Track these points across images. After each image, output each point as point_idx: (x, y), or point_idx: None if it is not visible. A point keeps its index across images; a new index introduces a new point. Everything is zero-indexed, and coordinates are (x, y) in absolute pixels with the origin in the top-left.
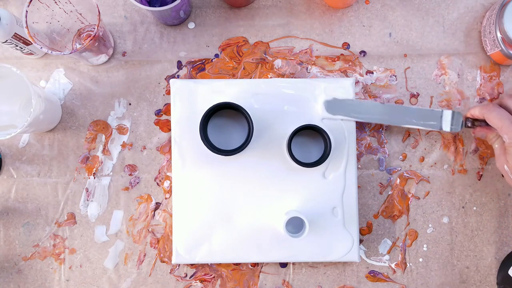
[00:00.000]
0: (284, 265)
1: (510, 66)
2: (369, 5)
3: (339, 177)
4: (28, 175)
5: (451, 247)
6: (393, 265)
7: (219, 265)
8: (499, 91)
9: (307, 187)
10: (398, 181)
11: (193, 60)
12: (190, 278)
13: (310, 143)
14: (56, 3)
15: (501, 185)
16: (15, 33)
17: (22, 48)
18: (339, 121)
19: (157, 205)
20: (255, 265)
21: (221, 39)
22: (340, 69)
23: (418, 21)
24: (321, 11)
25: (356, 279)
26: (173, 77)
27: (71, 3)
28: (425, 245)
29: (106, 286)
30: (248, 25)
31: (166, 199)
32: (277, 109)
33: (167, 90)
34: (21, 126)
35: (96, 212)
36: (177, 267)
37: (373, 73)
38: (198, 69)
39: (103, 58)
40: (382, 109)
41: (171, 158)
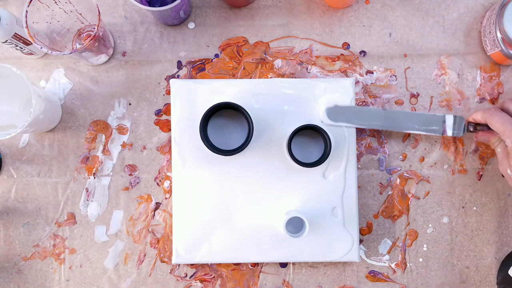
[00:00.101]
0: (284, 265)
1: (510, 66)
2: (369, 5)
3: (339, 177)
4: (28, 175)
5: (451, 247)
6: (393, 265)
7: (219, 265)
8: (499, 91)
9: (307, 187)
10: (398, 181)
11: (193, 60)
12: (190, 278)
13: (310, 143)
14: (56, 3)
15: (501, 185)
16: (15, 33)
17: (22, 48)
18: None
19: (157, 205)
20: (255, 265)
21: (221, 39)
22: (340, 69)
23: (418, 21)
24: (321, 11)
25: (356, 279)
26: (173, 77)
27: (71, 3)
28: (425, 245)
29: (106, 286)
30: (248, 25)
31: (166, 199)
32: (277, 109)
33: (167, 90)
34: (21, 126)
35: (96, 212)
36: (177, 267)
37: (373, 73)
38: (198, 69)
39: (103, 58)
40: (384, 115)
41: (171, 158)
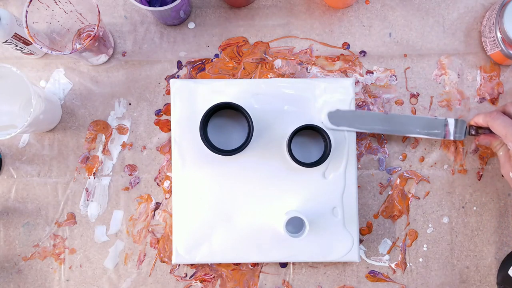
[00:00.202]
0: (284, 265)
1: (510, 66)
2: (369, 5)
3: (339, 177)
4: (28, 175)
5: (451, 247)
6: (393, 265)
7: (219, 265)
8: (499, 91)
9: (307, 187)
10: (398, 181)
11: (193, 60)
12: (190, 278)
13: (310, 143)
14: (56, 3)
15: (501, 185)
16: (15, 33)
17: (22, 48)
18: None
19: (157, 205)
20: (255, 265)
21: (221, 39)
22: (340, 69)
23: (418, 21)
24: (321, 11)
25: (356, 279)
26: (173, 77)
27: (71, 3)
28: (425, 245)
29: (106, 286)
30: (248, 25)
31: (166, 199)
32: (277, 109)
33: (167, 90)
34: (21, 126)
35: (96, 212)
36: (177, 267)
37: (373, 73)
38: (198, 69)
39: (103, 58)
40: (385, 119)
41: (171, 158)
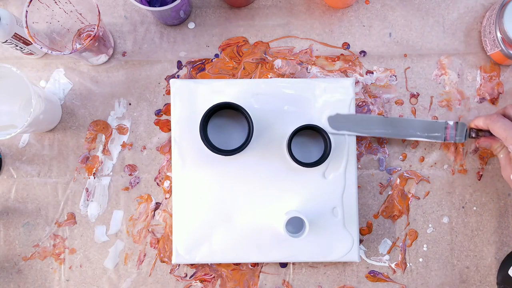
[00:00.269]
0: (284, 265)
1: (510, 66)
2: (369, 5)
3: (339, 177)
4: (28, 175)
5: (451, 247)
6: (393, 265)
7: (219, 265)
8: (499, 91)
9: (307, 187)
10: (398, 181)
11: (193, 60)
12: (190, 278)
13: (310, 143)
14: (56, 3)
15: (501, 185)
16: (15, 33)
17: (22, 48)
18: None
19: (157, 205)
20: (255, 265)
21: (221, 39)
22: (340, 69)
23: (418, 21)
24: (321, 11)
25: (356, 279)
26: (173, 77)
27: (71, 3)
28: (425, 245)
29: (106, 286)
30: (248, 25)
31: (166, 199)
32: (277, 109)
33: (167, 90)
34: (21, 126)
35: (96, 212)
36: (177, 267)
37: (373, 73)
38: (198, 69)
39: (103, 58)
40: (385, 122)
41: (171, 158)
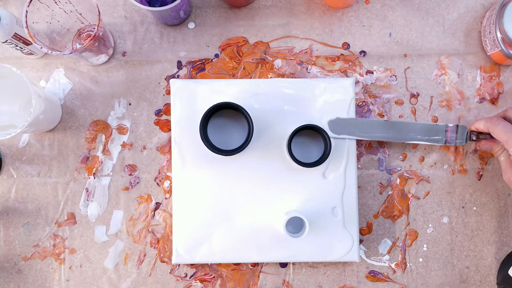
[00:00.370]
0: (284, 265)
1: (510, 66)
2: (369, 5)
3: (339, 177)
4: (28, 175)
5: (451, 247)
6: (393, 265)
7: (219, 265)
8: (499, 91)
9: (307, 187)
10: (398, 181)
11: (193, 60)
12: (190, 278)
13: (310, 143)
14: (56, 3)
15: (501, 185)
16: (15, 33)
17: (22, 48)
18: None
19: (157, 205)
20: (255, 265)
21: (221, 39)
22: (340, 69)
23: (418, 21)
24: (321, 11)
25: (356, 279)
26: (173, 77)
27: (71, 3)
28: (425, 245)
29: (106, 286)
30: (248, 25)
31: (166, 199)
32: (277, 109)
33: (167, 90)
34: (21, 126)
35: (96, 212)
36: (177, 267)
37: (373, 73)
38: (198, 69)
39: (103, 58)
40: (385, 126)
41: (171, 158)
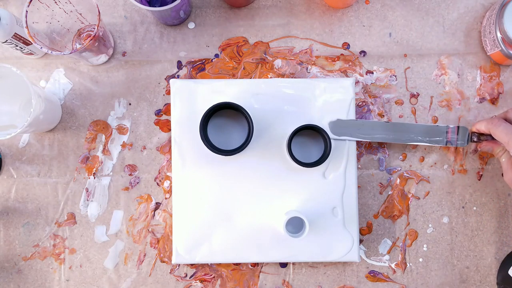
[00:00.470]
0: (284, 265)
1: (510, 66)
2: (369, 5)
3: (339, 177)
4: (28, 175)
5: (451, 247)
6: (393, 265)
7: (219, 265)
8: (499, 91)
9: (307, 187)
10: (398, 181)
11: (193, 60)
12: (190, 278)
13: (310, 143)
14: (56, 3)
15: (501, 185)
16: (15, 33)
17: (22, 48)
18: None
19: (157, 205)
20: (255, 265)
21: (221, 39)
22: (340, 69)
23: (418, 21)
24: (321, 11)
25: (356, 279)
26: (173, 77)
27: (71, 3)
28: (425, 245)
29: (106, 286)
30: (248, 25)
31: (166, 199)
32: (277, 109)
33: (167, 90)
34: (21, 126)
35: (96, 212)
36: (177, 267)
37: (373, 73)
38: (198, 69)
39: (103, 58)
40: (386, 127)
41: (171, 158)
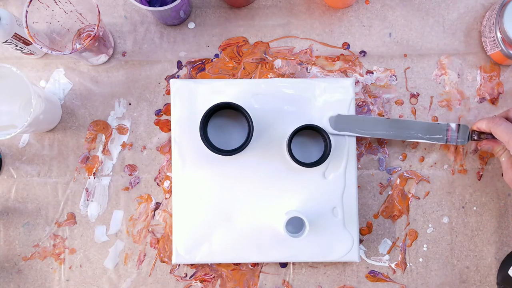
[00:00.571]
0: (284, 265)
1: (510, 66)
2: (369, 5)
3: (339, 177)
4: (28, 175)
5: (451, 247)
6: (393, 265)
7: (219, 265)
8: (499, 91)
9: (307, 187)
10: (398, 181)
11: (193, 60)
12: (190, 278)
13: (310, 143)
14: (56, 3)
15: (501, 185)
16: (15, 33)
17: (22, 48)
18: None
19: (157, 205)
20: (255, 265)
21: (221, 39)
22: (340, 69)
23: (418, 21)
24: (321, 11)
25: (356, 279)
26: (173, 77)
27: (71, 3)
28: (425, 245)
29: (106, 286)
30: (248, 25)
31: (166, 199)
32: (277, 109)
33: (167, 90)
34: (21, 126)
35: (96, 212)
36: (177, 267)
37: (373, 73)
38: (198, 69)
39: (103, 58)
40: (387, 124)
41: (171, 158)
